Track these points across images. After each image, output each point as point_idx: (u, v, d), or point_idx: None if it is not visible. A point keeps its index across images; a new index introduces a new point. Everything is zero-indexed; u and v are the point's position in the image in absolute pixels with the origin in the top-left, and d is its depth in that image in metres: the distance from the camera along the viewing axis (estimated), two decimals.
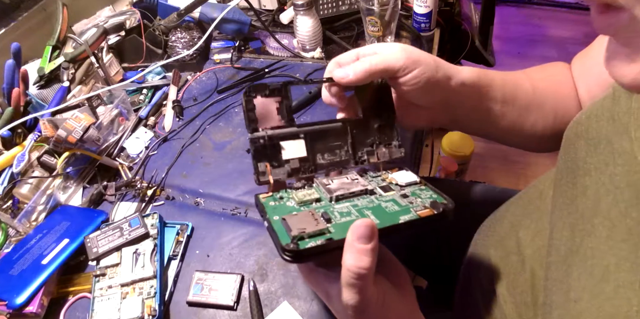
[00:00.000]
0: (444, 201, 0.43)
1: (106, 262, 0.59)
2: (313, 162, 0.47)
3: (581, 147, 0.40)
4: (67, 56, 0.79)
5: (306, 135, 0.47)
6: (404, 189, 0.45)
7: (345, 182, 0.46)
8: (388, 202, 0.43)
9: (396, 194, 0.44)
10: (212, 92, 0.86)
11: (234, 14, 0.87)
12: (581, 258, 0.35)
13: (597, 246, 0.34)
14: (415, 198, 0.44)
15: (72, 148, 0.69)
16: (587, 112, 0.41)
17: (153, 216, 0.63)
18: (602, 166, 0.36)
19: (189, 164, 0.75)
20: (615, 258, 0.32)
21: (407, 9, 0.94)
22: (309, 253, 0.35)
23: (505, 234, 0.52)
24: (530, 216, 0.49)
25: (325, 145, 0.49)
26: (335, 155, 0.49)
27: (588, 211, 0.36)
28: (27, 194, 0.68)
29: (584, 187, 0.38)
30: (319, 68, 0.87)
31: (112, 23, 0.88)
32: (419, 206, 0.42)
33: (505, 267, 0.50)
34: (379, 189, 0.45)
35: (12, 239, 0.66)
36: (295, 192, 0.44)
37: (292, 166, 0.46)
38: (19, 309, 0.55)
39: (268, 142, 0.45)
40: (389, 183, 0.46)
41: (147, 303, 0.55)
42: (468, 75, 0.50)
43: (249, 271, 0.60)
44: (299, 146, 0.47)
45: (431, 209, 0.41)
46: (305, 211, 0.40)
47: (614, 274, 0.31)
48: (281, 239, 0.36)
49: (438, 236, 0.73)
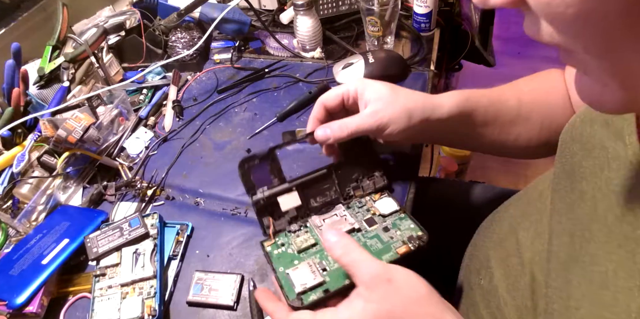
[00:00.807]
0: (419, 232, 0.52)
1: (106, 262, 0.59)
2: (307, 207, 0.56)
3: (576, 151, 0.39)
4: (67, 56, 0.79)
5: (298, 187, 0.56)
6: (386, 220, 0.54)
7: (335, 220, 0.55)
8: (372, 239, 0.52)
9: (379, 228, 0.53)
10: (212, 92, 0.86)
11: (234, 14, 0.87)
12: (581, 265, 0.35)
13: (596, 252, 0.33)
14: (396, 231, 0.53)
15: (72, 148, 0.69)
16: (581, 116, 0.41)
17: (153, 216, 0.63)
18: (597, 170, 0.36)
19: (189, 164, 0.75)
20: (613, 264, 0.31)
21: (407, 9, 0.94)
22: (311, 304, 0.45)
23: (505, 235, 0.52)
24: (529, 217, 0.49)
25: (316, 190, 0.57)
26: (326, 196, 0.57)
27: (586, 216, 0.36)
28: (27, 194, 0.68)
29: (581, 192, 0.37)
30: (319, 68, 0.87)
31: (112, 23, 0.88)
32: (398, 241, 0.51)
33: (506, 269, 0.49)
34: (365, 224, 0.54)
35: (12, 239, 0.66)
36: (294, 238, 0.53)
37: (291, 215, 0.55)
38: (19, 309, 0.55)
39: (267, 201, 0.54)
40: (372, 214, 0.55)
41: (147, 303, 0.55)
42: (448, 109, 0.53)
43: (249, 271, 0.60)
44: (294, 198, 0.55)
45: (408, 246, 0.51)
46: (304, 262, 0.49)
47: (613, 281, 0.31)
48: (288, 293, 0.46)
49: (437, 236, 0.73)
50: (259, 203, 0.53)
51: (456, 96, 0.54)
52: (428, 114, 0.52)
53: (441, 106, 0.53)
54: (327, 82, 0.82)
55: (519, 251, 0.47)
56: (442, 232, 0.57)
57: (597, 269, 0.33)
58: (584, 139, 0.39)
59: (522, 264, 0.46)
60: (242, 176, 0.53)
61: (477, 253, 0.58)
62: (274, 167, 0.55)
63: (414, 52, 0.89)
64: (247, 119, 0.80)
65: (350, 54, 0.89)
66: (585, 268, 0.34)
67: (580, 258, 0.35)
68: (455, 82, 1.57)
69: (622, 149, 0.34)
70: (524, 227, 0.48)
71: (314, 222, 0.55)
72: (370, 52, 0.81)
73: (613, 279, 0.31)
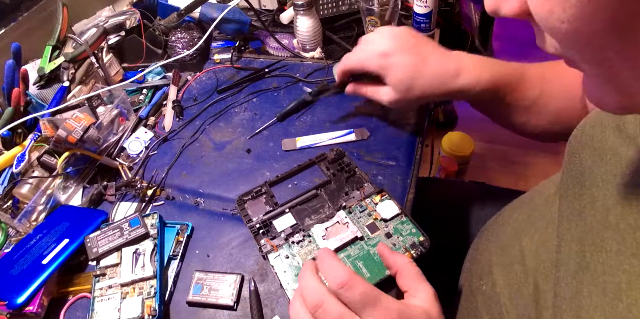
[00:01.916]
0: (421, 237, 0.53)
1: (106, 262, 0.59)
2: (302, 224, 0.59)
3: (586, 157, 0.39)
4: (67, 56, 0.79)
5: (290, 209, 0.60)
6: (388, 225, 0.55)
7: (337, 228, 0.56)
8: (375, 247, 0.53)
9: (381, 234, 0.55)
10: (212, 92, 0.86)
11: (234, 14, 0.87)
12: (592, 274, 0.34)
13: (608, 262, 0.32)
14: (398, 237, 0.54)
15: (72, 148, 0.69)
16: (591, 122, 0.40)
17: (153, 216, 0.63)
18: (609, 176, 0.35)
19: (189, 164, 0.75)
20: (627, 275, 0.30)
21: (407, 9, 0.94)
22: None
23: (508, 241, 0.51)
24: (534, 224, 0.48)
25: (309, 209, 0.61)
26: (320, 213, 0.60)
27: (597, 224, 0.35)
28: (27, 194, 0.68)
29: (591, 198, 0.36)
30: (319, 68, 0.87)
31: (112, 23, 0.88)
32: (401, 248, 0.53)
33: (508, 276, 0.48)
34: (367, 230, 0.55)
35: (12, 239, 0.66)
36: (298, 249, 0.55)
37: (287, 233, 0.58)
38: (19, 309, 0.55)
39: (262, 225, 0.59)
40: (374, 219, 0.56)
41: (147, 303, 0.55)
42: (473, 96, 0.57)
43: (249, 271, 0.60)
44: (288, 218, 0.60)
45: (410, 253, 0.52)
46: None
47: (626, 292, 0.30)
48: None
49: (437, 236, 0.73)
50: (254, 228, 0.59)
51: (487, 81, 0.55)
52: (450, 97, 0.58)
53: (468, 91, 0.56)
54: (327, 82, 0.82)
55: (523, 259, 0.46)
56: (442, 232, 0.57)
57: (609, 280, 0.32)
58: (595, 145, 0.38)
59: (525, 273, 0.45)
60: (242, 211, 0.62)
61: (479, 257, 0.57)
62: (268, 198, 0.63)
63: None
64: (247, 119, 0.80)
65: None
66: (597, 277, 0.33)
67: (592, 267, 0.34)
68: None
69: (636, 155, 0.33)
70: (529, 234, 0.47)
71: (317, 231, 0.56)
72: None
73: (627, 291, 0.30)
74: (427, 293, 0.43)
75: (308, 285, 0.42)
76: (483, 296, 0.52)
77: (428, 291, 0.44)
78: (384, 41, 0.59)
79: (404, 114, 0.75)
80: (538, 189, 0.53)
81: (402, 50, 0.57)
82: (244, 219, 0.60)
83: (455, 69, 0.55)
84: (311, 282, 0.42)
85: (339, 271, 0.41)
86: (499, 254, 0.52)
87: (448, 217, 0.75)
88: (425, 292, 0.43)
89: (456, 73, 0.55)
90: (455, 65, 0.56)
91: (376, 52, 0.59)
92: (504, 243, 0.52)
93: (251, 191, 0.63)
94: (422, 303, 0.42)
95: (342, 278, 0.40)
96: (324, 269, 0.43)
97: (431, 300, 0.43)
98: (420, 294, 0.43)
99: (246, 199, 0.63)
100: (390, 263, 0.48)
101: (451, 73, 0.55)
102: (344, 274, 0.41)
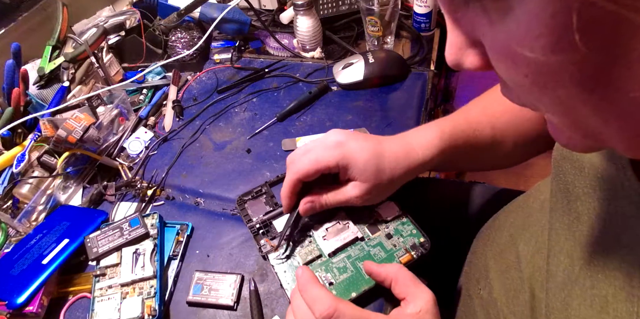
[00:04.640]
0: (421, 238, 0.54)
1: (106, 262, 0.59)
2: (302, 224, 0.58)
3: (568, 170, 0.39)
4: (67, 56, 0.79)
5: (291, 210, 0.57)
6: (389, 226, 0.55)
7: (338, 228, 0.55)
8: (376, 248, 0.53)
9: (382, 235, 0.54)
10: (212, 92, 0.86)
11: (234, 14, 0.87)
12: (580, 287, 0.34)
13: (596, 275, 0.33)
14: (398, 238, 0.54)
15: (72, 148, 0.69)
16: None
17: (153, 216, 0.63)
18: (590, 190, 0.36)
19: (189, 164, 0.75)
20: (612, 288, 0.31)
21: (407, 9, 0.94)
22: None
23: (505, 245, 0.51)
24: (530, 228, 0.48)
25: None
26: (320, 213, 0.57)
27: (584, 238, 0.35)
28: (27, 194, 0.68)
29: (577, 212, 0.37)
30: (319, 68, 0.87)
31: (112, 23, 0.88)
32: (401, 249, 0.53)
33: (505, 281, 0.48)
34: (367, 230, 0.55)
35: (12, 239, 0.66)
36: (299, 249, 0.55)
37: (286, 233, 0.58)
38: (19, 309, 0.55)
39: (262, 225, 0.58)
40: (375, 219, 0.56)
41: (147, 303, 0.55)
42: (430, 166, 0.54)
43: (249, 271, 0.60)
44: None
45: (410, 254, 0.52)
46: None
47: (613, 305, 0.31)
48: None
49: (437, 236, 0.73)
50: (254, 228, 0.58)
51: (437, 147, 0.53)
52: (416, 172, 0.54)
53: (424, 164, 0.53)
54: (327, 82, 0.82)
55: (519, 265, 0.46)
56: (442, 232, 0.57)
57: (597, 293, 0.32)
58: (574, 157, 0.38)
59: (522, 279, 0.45)
60: (242, 212, 0.61)
61: (477, 261, 0.56)
62: (268, 198, 0.62)
63: (414, 52, 0.89)
64: (247, 119, 0.80)
65: (350, 54, 0.89)
66: (585, 291, 0.33)
67: (580, 280, 0.34)
68: (455, 82, 1.57)
69: (614, 170, 0.33)
70: (525, 239, 0.47)
71: (317, 232, 0.56)
72: (370, 52, 0.81)
73: (613, 303, 0.31)
74: (425, 297, 0.44)
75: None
76: (480, 301, 0.52)
77: (426, 295, 0.44)
78: (329, 136, 0.53)
79: (404, 114, 0.75)
80: (533, 192, 0.52)
81: (354, 137, 0.52)
82: (244, 219, 0.60)
83: (408, 143, 0.54)
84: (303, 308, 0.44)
85: (323, 301, 0.42)
86: (496, 259, 0.51)
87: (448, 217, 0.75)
88: (423, 296, 0.44)
89: (411, 148, 0.53)
90: (407, 141, 0.54)
91: (329, 144, 0.52)
92: (500, 247, 0.52)
93: (251, 191, 0.63)
94: (419, 308, 0.43)
95: (328, 309, 0.41)
96: (308, 300, 0.44)
97: (429, 304, 0.43)
98: (419, 299, 0.43)
99: (246, 199, 0.62)
100: (383, 276, 0.47)
101: (409, 147, 0.53)
102: (328, 304, 0.41)
